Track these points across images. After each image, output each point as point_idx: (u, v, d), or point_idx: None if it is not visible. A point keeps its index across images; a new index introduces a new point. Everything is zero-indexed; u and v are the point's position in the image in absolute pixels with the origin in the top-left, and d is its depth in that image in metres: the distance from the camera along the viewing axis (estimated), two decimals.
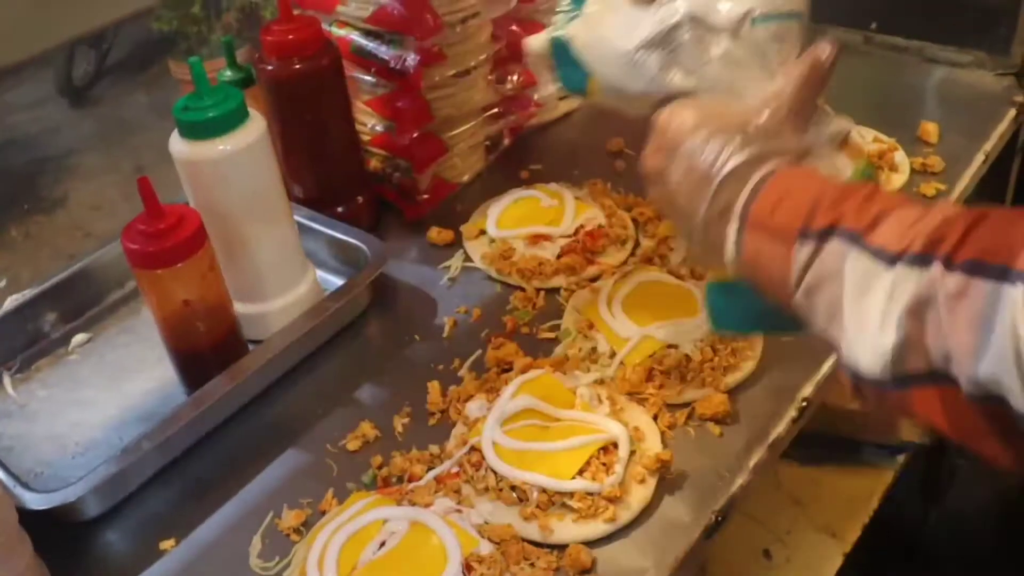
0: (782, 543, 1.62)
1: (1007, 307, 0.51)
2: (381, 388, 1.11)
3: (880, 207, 0.62)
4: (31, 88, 4.63)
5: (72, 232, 3.67)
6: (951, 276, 0.55)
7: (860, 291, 0.60)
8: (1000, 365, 0.52)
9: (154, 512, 1.01)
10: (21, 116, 4.48)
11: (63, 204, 3.84)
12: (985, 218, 0.56)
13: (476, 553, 0.86)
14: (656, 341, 1.05)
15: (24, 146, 4.28)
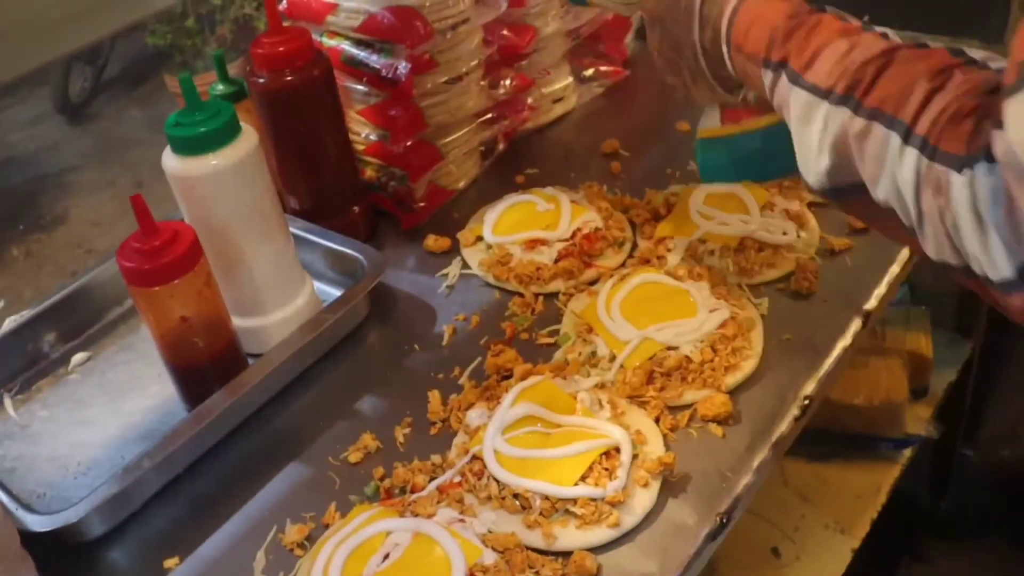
0: (791, 540, 1.61)
1: (892, 151, 0.69)
2: (382, 399, 1.10)
3: (818, 42, 0.78)
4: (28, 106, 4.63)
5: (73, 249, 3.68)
6: (858, 119, 0.72)
7: (802, 121, 0.78)
8: (890, 193, 0.71)
9: (157, 530, 1.01)
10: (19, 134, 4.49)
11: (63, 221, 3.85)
12: (890, 63, 0.72)
13: (480, 563, 0.85)
14: (656, 343, 1.04)
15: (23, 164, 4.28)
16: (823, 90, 0.76)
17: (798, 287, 1.16)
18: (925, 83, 0.68)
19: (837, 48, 0.76)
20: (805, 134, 0.78)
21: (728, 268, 1.18)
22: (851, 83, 0.73)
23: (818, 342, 1.09)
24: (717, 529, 0.91)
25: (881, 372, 1.75)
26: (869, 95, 0.72)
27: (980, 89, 0.66)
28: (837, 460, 1.76)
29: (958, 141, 0.64)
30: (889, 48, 0.73)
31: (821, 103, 0.75)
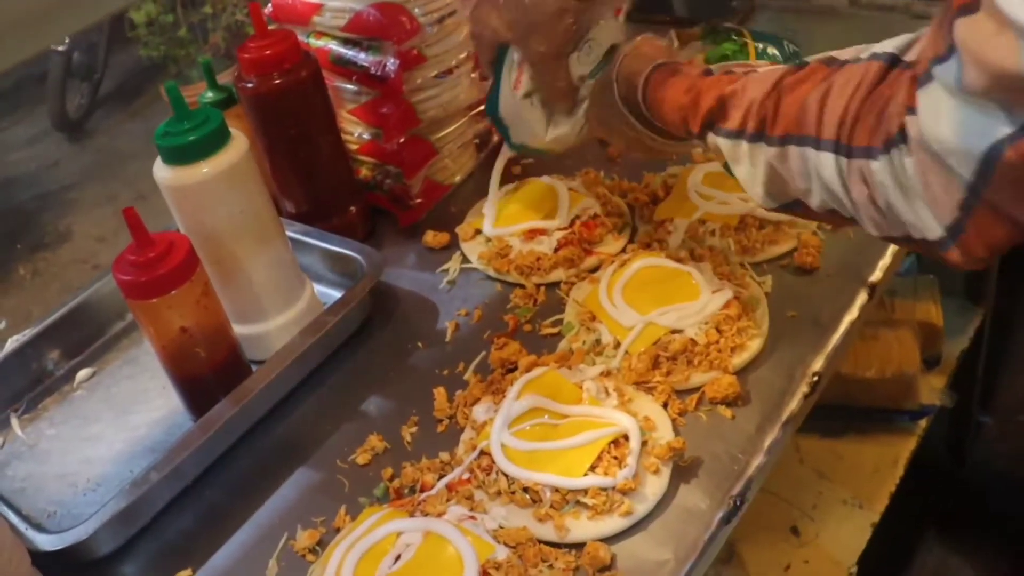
0: (809, 519, 1.60)
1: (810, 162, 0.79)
2: (387, 399, 1.10)
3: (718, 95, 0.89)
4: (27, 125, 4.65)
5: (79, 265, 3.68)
6: (773, 148, 0.83)
7: (733, 161, 0.90)
8: (824, 197, 0.81)
9: (169, 543, 1.00)
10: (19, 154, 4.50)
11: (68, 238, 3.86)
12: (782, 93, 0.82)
13: (493, 559, 0.84)
14: (659, 327, 1.03)
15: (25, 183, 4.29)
16: (737, 132, 0.87)
17: (801, 263, 1.14)
18: (815, 97, 0.78)
19: (736, 95, 0.87)
20: (738, 170, 0.90)
21: (729, 247, 1.17)
22: (757, 121, 0.84)
23: (824, 317, 1.08)
24: (731, 512, 0.90)
25: (892, 344, 1.73)
26: (775, 126, 0.82)
27: (862, 86, 0.74)
28: (852, 435, 1.74)
29: (866, 135, 0.73)
30: (776, 80, 0.83)
31: (740, 143, 0.87)
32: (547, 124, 1.15)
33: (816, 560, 1.54)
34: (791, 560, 1.54)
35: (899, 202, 0.72)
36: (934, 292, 1.86)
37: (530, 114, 1.14)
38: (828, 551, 1.55)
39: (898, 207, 0.72)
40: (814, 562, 1.53)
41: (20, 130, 4.66)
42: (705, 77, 0.93)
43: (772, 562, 1.54)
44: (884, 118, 0.71)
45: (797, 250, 1.16)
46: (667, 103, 0.96)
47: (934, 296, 1.85)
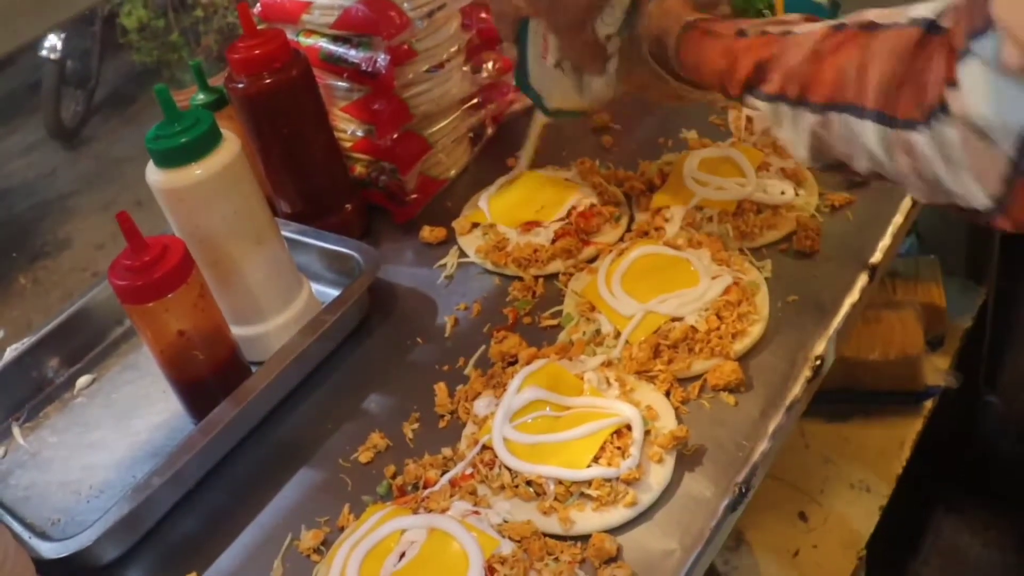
0: (817, 504, 1.60)
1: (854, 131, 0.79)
2: (388, 396, 1.09)
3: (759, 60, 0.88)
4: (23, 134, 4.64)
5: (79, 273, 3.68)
6: (816, 115, 0.82)
7: (774, 123, 0.90)
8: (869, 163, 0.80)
9: (173, 547, 1.00)
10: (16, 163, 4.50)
11: (67, 246, 3.85)
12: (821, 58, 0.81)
13: (498, 554, 0.84)
14: (659, 315, 1.03)
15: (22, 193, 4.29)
16: (777, 96, 0.86)
17: (800, 247, 1.14)
18: (854, 64, 0.77)
19: (774, 60, 0.87)
20: (780, 133, 0.90)
21: (728, 233, 1.16)
22: (797, 87, 0.84)
23: (825, 300, 1.07)
24: (736, 499, 0.89)
25: (895, 325, 1.73)
26: (815, 92, 0.82)
27: (901, 54, 0.73)
28: (857, 418, 1.74)
29: (908, 105, 0.72)
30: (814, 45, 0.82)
31: (781, 106, 0.86)
32: (580, 86, 1.16)
33: (825, 545, 1.53)
34: (800, 545, 1.53)
35: (944, 173, 0.71)
36: (936, 272, 1.85)
37: (562, 80, 1.17)
38: (837, 535, 1.55)
39: (943, 178, 0.72)
40: (823, 547, 1.53)
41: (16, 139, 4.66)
42: (740, 39, 0.92)
43: (780, 548, 1.53)
44: (924, 88, 0.70)
45: (796, 234, 1.15)
46: (703, 67, 0.96)
47: (936, 276, 1.84)
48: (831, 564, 1.50)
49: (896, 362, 1.70)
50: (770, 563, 1.52)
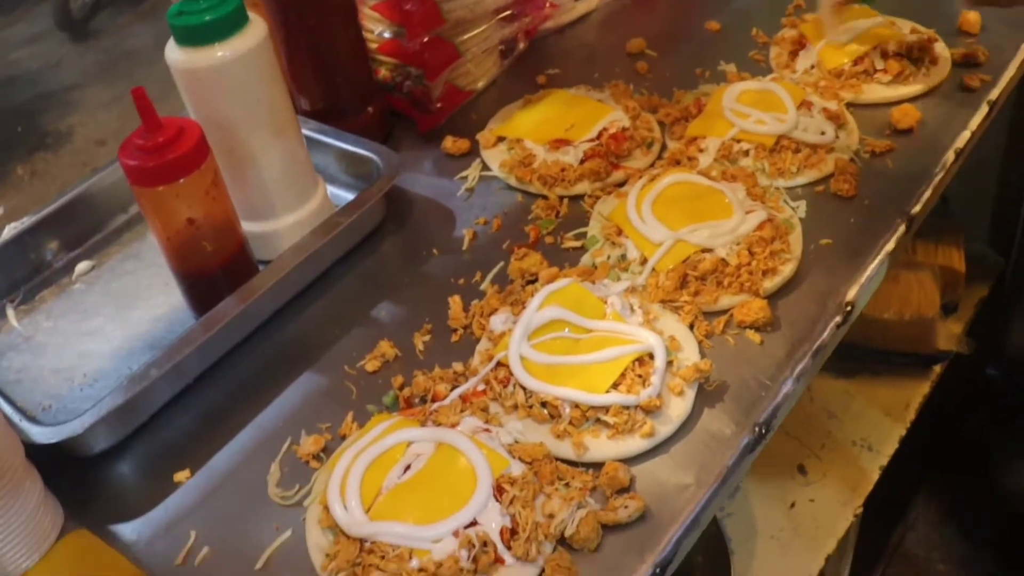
0: (817, 458, 1.57)
1: None
2: (399, 306, 1.05)
3: None
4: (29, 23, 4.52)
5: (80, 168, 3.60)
6: None
7: None
8: None
9: (166, 443, 0.96)
10: (20, 53, 4.39)
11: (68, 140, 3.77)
12: None
13: (507, 474, 0.80)
14: (689, 245, 0.98)
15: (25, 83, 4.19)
16: None
17: (837, 190, 1.09)
18: None
19: None
20: None
21: (764, 169, 1.12)
22: None
23: (859, 246, 1.04)
24: (756, 440, 0.86)
25: (912, 286, 1.69)
26: None
27: None
28: (864, 376, 1.71)
29: None
30: None
31: None
32: None
33: (822, 499, 1.51)
34: (796, 498, 1.51)
35: None
36: (958, 237, 1.81)
37: None
38: (835, 491, 1.52)
39: None
40: (820, 501, 1.51)
41: (21, 28, 4.54)
42: None
43: (777, 498, 1.51)
44: None
45: (834, 176, 1.11)
46: None
47: (958, 241, 1.81)
48: (827, 519, 1.48)
49: (910, 323, 1.67)
50: (766, 512, 1.49)
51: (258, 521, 0.87)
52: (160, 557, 0.86)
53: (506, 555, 0.76)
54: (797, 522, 1.48)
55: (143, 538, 0.88)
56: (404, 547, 0.76)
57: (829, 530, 1.46)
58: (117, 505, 0.92)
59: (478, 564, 0.75)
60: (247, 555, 0.84)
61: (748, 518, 1.47)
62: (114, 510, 0.91)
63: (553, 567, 0.76)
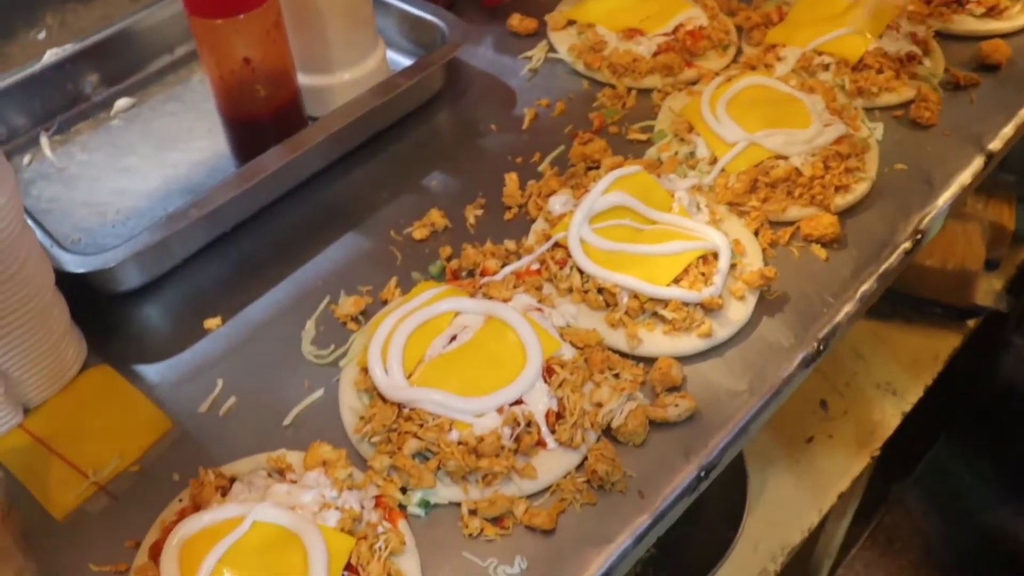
0: (840, 395, 1.54)
1: None
2: (452, 177, 1.01)
3: None
4: None
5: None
6: None
7: None
8: None
9: (199, 289, 0.93)
10: None
11: None
12: None
13: (558, 356, 0.77)
14: (764, 149, 0.94)
15: None
16: None
17: (917, 116, 1.05)
18: None
19: None
20: None
21: (843, 86, 1.06)
22: None
23: (935, 176, 0.99)
24: (813, 355, 0.83)
25: (959, 236, 1.64)
26: None
27: None
28: (897, 320, 1.67)
29: None
30: None
31: None
32: None
33: (840, 437, 1.48)
34: (815, 432, 1.48)
35: None
36: (1010, 194, 1.76)
37: None
38: (854, 431, 1.49)
39: None
40: (838, 438, 1.48)
41: None
42: None
43: (795, 430, 1.48)
44: None
45: (915, 102, 1.06)
46: None
47: (1010, 198, 1.75)
48: (843, 457, 1.46)
49: (952, 273, 1.62)
50: (782, 442, 1.47)
51: (289, 377, 0.84)
52: (184, 402, 0.83)
53: (549, 439, 0.73)
54: (812, 455, 1.45)
55: (167, 381, 0.85)
56: (444, 418, 0.73)
57: (844, 469, 1.44)
58: (143, 346, 0.89)
59: (520, 444, 0.72)
60: (275, 410, 0.81)
61: (764, 447, 1.44)
62: (139, 351, 0.89)
63: (596, 456, 0.73)
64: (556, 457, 0.73)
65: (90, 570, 0.72)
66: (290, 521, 0.68)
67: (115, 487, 0.78)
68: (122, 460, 0.80)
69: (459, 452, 0.71)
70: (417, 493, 0.72)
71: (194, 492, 0.73)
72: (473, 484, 0.72)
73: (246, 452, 0.77)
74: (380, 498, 0.72)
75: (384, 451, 0.73)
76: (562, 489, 0.73)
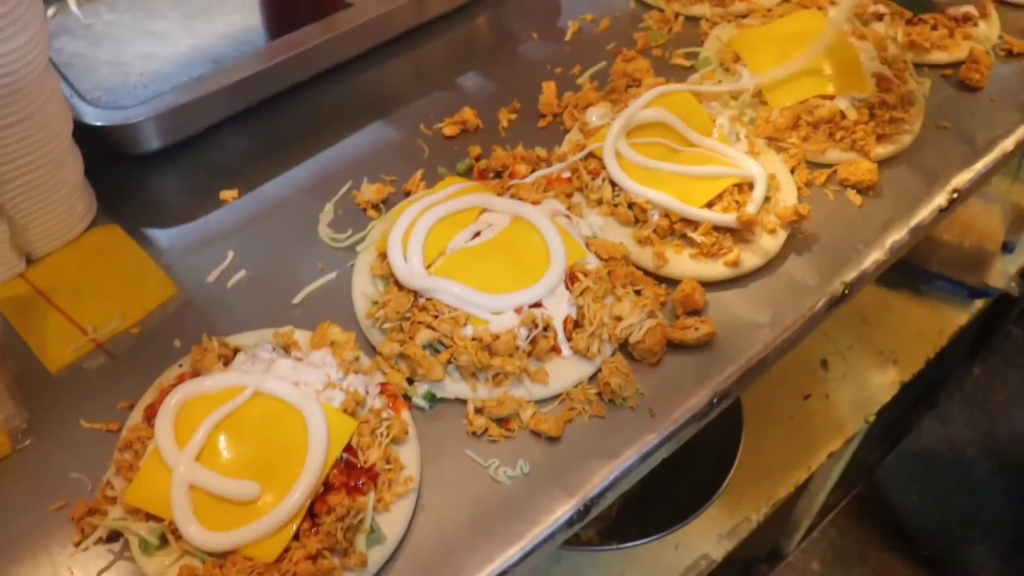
0: (841, 356, 1.53)
1: None
2: (488, 79, 0.98)
3: None
4: None
5: None
6: None
7: None
8: None
9: (218, 160, 0.91)
10: None
11: None
12: None
13: (582, 265, 0.75)
14: (810, 85, 0.91)
15: None
16: None
17: (967, 77, 1.02)
18: None
19: None
20: None
21: (896, 38, 1.04)
22: None
23: (978, 139, 0.97)
24: (838, 298, 0.81)
25: (980, 215, 1.62)
26: None
27: None
28: (906, 291, 1.65)
29: None
30: None
31: None
32: None
33: (836, 397, 1.47)
34: (813, 391, 1.47)
35: None
36: None
37: None
38: (851, 394, 1.49)
39: None
40: (834, 399, 1.47)
41: None
42: None
43: (793, 386, 1.47)
44: None
45: (965, 63, 1.03)
46: None
47: None
48: (837, 418, 1.45)
49: (968, 251, 1.61)
50: (780, 396, 1.46)
51: (302, 257, 0.82)
52: (192, 270, 0.82)
53: (564, 346, 0.72)
54: (807, 412, 1.45)
55: (177, 247, 0.84)
56: (461, 311, 0.71)
57: (838, 430, 1.43)
58: (155, 211, 0.87)
59: (535, 347, 0.71)
60: (285, 288, 0.79)
61: (762, 398, 1.43)
62: (151, 215, 0.87)
63: (611, 369, 0.71)
64: (569, 365, 0.72)
65: (81, 426, 0.71)
66: (293, 396, 0.66)
67: (114, 346, 0.77)
68: (123, 320, 0.78)
69: (472, 347, 0.70)
70: (424, 385, 0.71)
71: (196, 358, 0.71)
72: (482, 382, 0.71)
73: (251, 326, 0.76)
74: (385, 385, 0.70)
75: (395, 339, 0.72)
76: (572, 398, 0.71)
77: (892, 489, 1.94)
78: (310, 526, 0.62)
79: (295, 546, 0.61)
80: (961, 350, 2.02)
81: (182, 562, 0.62)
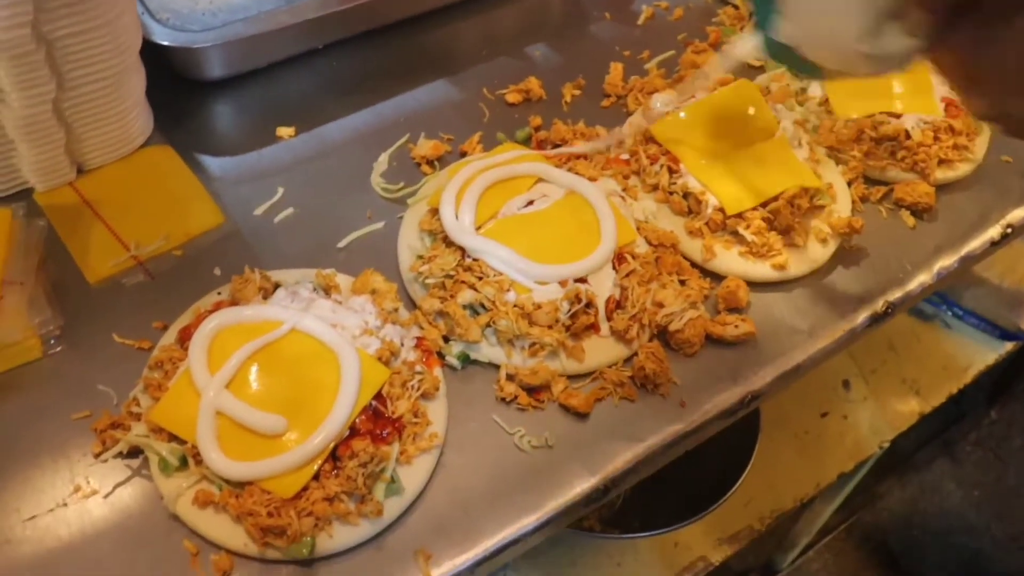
0: (864, 379, 1.52)
1: None
2: (557, 53, 0.98)
3: None
4: None
5: None
6: None
7: None
8: None
9: (279, 97, 0.91)
10: None
11: None
12: None
13: (631, 247, 0.75)
14: (879, 100, 0.90)
15: None
16: None
17: None
18: None
19: None
20: None
21: None
22: None
23: None
24: (879, 316, 0.81)
25: (1022, 257, 1.61)
26: None
27: None
28: (937, 323, 1.64)
29: None
30: None
31: None
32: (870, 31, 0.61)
33: (854, 419, 1.47)
34: (831, 409, 1.47)
35: None
36: None
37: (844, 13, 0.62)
38: (869, 417, 1.48)
39: None
40: (852, 420, 1.46)
41: None
42: None
43: (813, 402, 1.47)
44: None
45: None
46: None
47: None
48: (852, 439, 1.44)
49: (1006, 292, 1.59)
50: (798, 410, 1.45)
51: (351, 203, 0.82)
52: (240, 202, 0.82)
53: (604, 325, 0.72)
54: (823, 431, 1.44)
55: (228, 177, 0.84)
56: (505, 276, 0.71)
57: (851, 451, 1.43)
58: (210, 138, 0.88)
59: (574, 322, 0.70)
60: (331, 230, 0.79)
61: (781, 409, 1.43)
62: (205, 141, 0.87)
63: (647, 354, 0.71)
64: (606, 345, 0.71)
65: (113, 340, 0.71)
66: (330, 337, 0.66)
67: (154, 266, 0.77)
68: (167, 242, 0.78)
69: (513, 314, 0.69)
70: (459, 345, 0.71)
71: (236, 288, 0.71)
72: (518, 350, 0.70)
73: (294, 264, 0.76)
74: (421, 340, 0.70)
75: (436, 295, 0.72)
76: (605, 378, 0.71)
77: (893, 520, 1.93)
78: (331, 468, 0.62)
79: (314, 486, 0.61)
80: (981, 391, 2.00)
81: (199, 487, 0.62)
